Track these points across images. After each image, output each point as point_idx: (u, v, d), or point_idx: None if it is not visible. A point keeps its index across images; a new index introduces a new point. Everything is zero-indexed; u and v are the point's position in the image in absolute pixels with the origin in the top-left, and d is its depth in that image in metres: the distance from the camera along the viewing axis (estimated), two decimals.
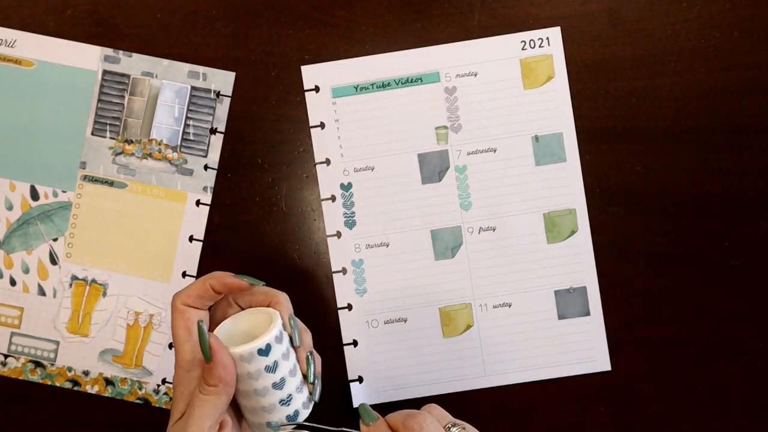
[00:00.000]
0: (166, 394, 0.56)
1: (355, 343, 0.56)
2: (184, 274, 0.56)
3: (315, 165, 0.56)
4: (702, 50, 0.56)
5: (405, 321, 0.56)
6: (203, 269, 0.56)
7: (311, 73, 0.56)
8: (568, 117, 0.56)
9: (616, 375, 0.56)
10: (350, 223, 0.56)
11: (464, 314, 0.56)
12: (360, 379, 0.56)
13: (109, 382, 0.56)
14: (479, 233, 0.56)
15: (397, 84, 0.56)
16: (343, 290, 0.56)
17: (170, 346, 0.56)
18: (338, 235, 0.56)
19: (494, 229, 0.56)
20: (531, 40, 0.56)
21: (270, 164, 0.57)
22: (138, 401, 0.56)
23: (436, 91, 0.56)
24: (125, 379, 0.56)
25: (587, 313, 0.56)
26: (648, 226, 0.56)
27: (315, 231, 0.57)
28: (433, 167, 0.56)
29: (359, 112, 0.56)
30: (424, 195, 0.56)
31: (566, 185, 0.56)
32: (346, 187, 0.56)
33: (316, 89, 0.56)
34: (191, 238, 0.56)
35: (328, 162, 0.56)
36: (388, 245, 0.56)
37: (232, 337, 0.45)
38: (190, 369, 0.44)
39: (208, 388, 0.42)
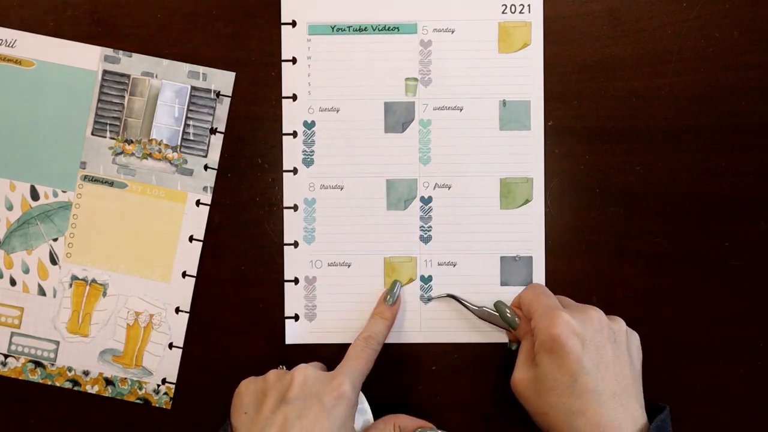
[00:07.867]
0: (166, 394, 0.56)
1: (296, 281, 0.56)
2: (184, 274, 0.56)
3: (282, 99, 0.56)
4: (702, 50, 0.56)
5: (349, 266, 0.56)
6: (203, 269, 0.56)
7: (290, 6, 0.56)
8: (538, 86, 0.56)
9: None
10: (308, 162, 0.56)
11: (408, 267, 0.56)
12: (296, 317, 0.56)
13: (109, 382, 0.56)
14: (434, 189, 0.56)
15: (374, 30, 0.56)
16: (292, 227, 0.56)
17: (170, 346, 0.56)
18: (294, 171, 0.56)
19: (449, 187, 0.56)
20: (512, 4, 0.56)
21: (270, 164, 0.57)
22: (138, 401, 0.56)
23: (411, 42, 0.56)
24: (125, 379, 0.56)
25: (530, 283, 0.56)
26: (648, 226, 0.56)
27: None
28: (398, 117, 0.56)
29: (332, 52, 0.56)
30: (385, 144, 0.56)
31: (527, 153, 0.56)
32: (309, 125, 0.56)
33: (293, 24, 0.56)
34: (191, 238, 0.56)
35: (294, 98, 0.56)
36: (342, 188, 0.56)
37: None
38: None
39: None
